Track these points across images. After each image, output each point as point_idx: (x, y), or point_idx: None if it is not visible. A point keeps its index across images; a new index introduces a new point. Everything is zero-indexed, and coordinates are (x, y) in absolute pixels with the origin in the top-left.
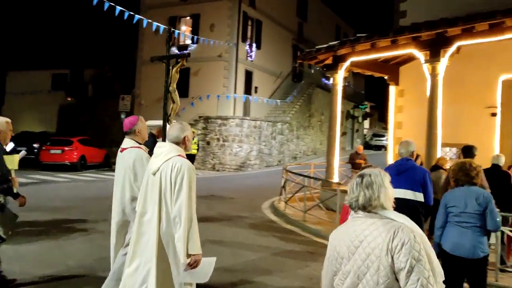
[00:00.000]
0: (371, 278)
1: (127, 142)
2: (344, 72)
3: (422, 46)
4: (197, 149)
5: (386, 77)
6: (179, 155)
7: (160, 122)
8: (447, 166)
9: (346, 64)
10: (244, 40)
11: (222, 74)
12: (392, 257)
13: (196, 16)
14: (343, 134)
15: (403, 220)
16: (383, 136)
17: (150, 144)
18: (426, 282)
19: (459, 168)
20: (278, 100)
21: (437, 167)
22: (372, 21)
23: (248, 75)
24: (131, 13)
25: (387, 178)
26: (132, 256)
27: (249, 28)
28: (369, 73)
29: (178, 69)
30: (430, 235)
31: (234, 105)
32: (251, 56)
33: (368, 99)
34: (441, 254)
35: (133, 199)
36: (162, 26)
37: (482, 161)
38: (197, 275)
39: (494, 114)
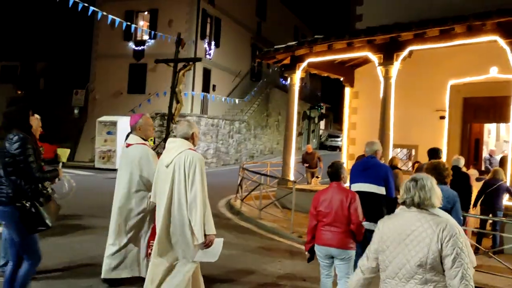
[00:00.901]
0: (419, 259)
1: (132, 138)
2: (301, 72)
3: (377, 50)
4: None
5: (342, 79)
6: (190, 149)
7: (114, 118)
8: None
9: (304, 64)
10: (202, 38)
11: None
12: (442, 245)
13: (154, 11)
14: (300, 134)
15: (448, 216)
16: (338, 137)
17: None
18: (467, 267)
19: (433, 167)
20: (236, 99)
21: (392, 167)
22: (330, 24)
23: (206, 73)
24: (85, 4)
25: (434, 181)
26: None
27: (208, 25)
28: (325, 74)
29: (185, 72)
30: None
31: (191, 103)
32: (209, 54)
33: (324, 100)
34: None
35: (137, 191)
36: (117, 20)
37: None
38: (210, 253)
39: (442, 117)
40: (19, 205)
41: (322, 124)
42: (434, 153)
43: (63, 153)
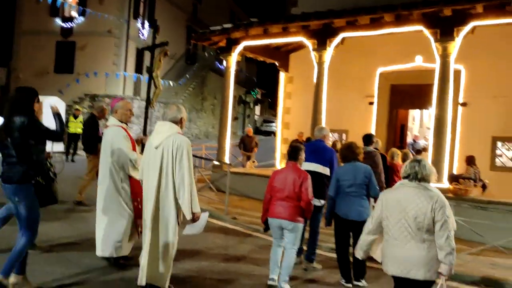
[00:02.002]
0: (417, 223)
1: (110, 120)
2: (237, 55)
3: (311, 35)
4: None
5: (277, 64)
6: (178, 133)
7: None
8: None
9: (240, 47)
10: (136, 17)
11: (111, 51)
12: (434, 213)
13: None
14: (235, 119)
15: (437, 191)
16: (273, 122)
17: (90, 124)
18: (451, 230)
19: (347, 147)
20: (171, 82)
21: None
22: (266, 9)
23: (140, 54)
24: None
25: (429, 162)
26: (145, 218)
27: (142, 4)
28: (261, 58)
29: (161, 58)
30: None
31: (124, 84)
32: (143, 34)
33: (259, 86)
34: (334, 217)
35: (116, 171)
36: None
37: (360, 145)
38: (196, 227)
39: (371, 103)
40: (33, 182)
41: (257, 109)
42: (368, 138)
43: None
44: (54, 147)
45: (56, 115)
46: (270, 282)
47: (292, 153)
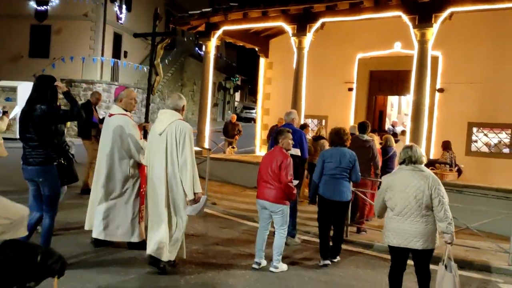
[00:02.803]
0: (417, 201)
1: (114, 108)
2: (216, 40)
3: (291, 20)
4: None
5: (257, 49)
6: (179, 119)
7: (14, 83)
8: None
9: (219, 32)
10: (113, 1)
11: (88, 35)
12: (431, 191)
13: None
14: (215, 105)
15: (429, 171)
16: (253, 109)
17: (85, 110)
18: (446, 204)
19: (335, 133)
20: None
21: (320, 137)
22: None
23: (117, 39)
24: None
25: (419, 147)
26: (154, 199)
27: None
28: (241, 43)
29: (163, 46)
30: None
31: (101, 69)
32: (120, 19)
33: (239, 72)
34: (318, 198)
35: (121, 158)
36: None
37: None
38: (196, 209)
39: (350, 89)
40: (56, 163)
41: (237, 96)
42: (363, 126)
43: None
44: None
45: (65, 94)
46: (254, 266)
47: (277, 138)
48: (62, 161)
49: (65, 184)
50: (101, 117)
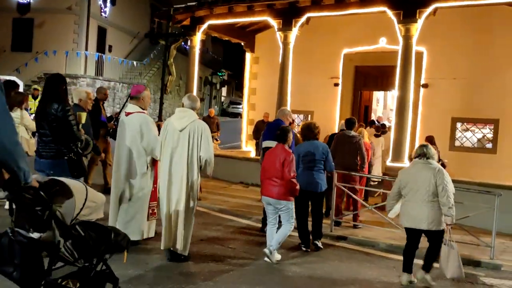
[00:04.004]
0: (425, 188)
1: (131, 107)
2: (201, 34)
3: (276, 14)
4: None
5: (243, 44)
6: (199, 118)
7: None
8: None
9: (204, 26)
10: None
11: (71, 29)
12: (436, 180)
13: None
14: (201, 100)
15: (437, 164)
16: (240, 104)
17: (94, 109)
18: (450, 192)
19: (307, 127)
20: (135, 61)
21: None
22: None
23: (102, 32)
24: None
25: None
26: (168, 187)
27: None
28: (226, 38)
29: (176, 46)
30: None
31: (85, 64)
32: (105, 12)
33: (226, 67)
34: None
35: (139, 156)
36: None
37: (325, 126)
38: None
39: (336, 84)
40: (67, 158)
41: (224, 90)
42: (350, 122)
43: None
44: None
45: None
46: (265, 250)
47: (280, 136)
48: (73, 156)
49: (74, 177)
50: (108, 115)
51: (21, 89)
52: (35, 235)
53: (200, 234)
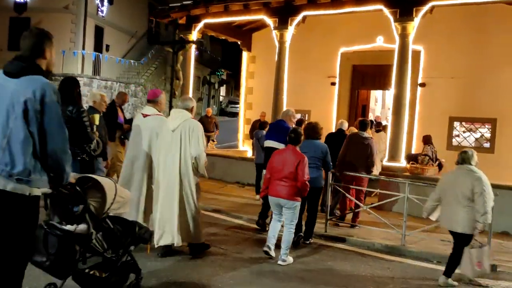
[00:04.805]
0: (462, 194)
1: (149, 109)
2: (197, 33)
3: (272, 13)
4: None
5: (239, 43)
6: (192, 118)
7: None
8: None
9: (200, 25)
10: None
11: (68, 28)
12: (474, 186)
13: None
14: (199, 99)
15: (479, 171)
16: (238, 103)
17: (110, 111)
18: (487, 199)
19: (312, 127)
20: (132, 61)
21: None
22: None
23: (99, 32)
24: None
25: (473, 151)
26: (160, 186)
27: None
28: (223, 37)
29: (183, 53)
30: None
31: (82, 63)
32: (102, 11)
33: (224, 66)
34: None
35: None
36: None
37: (322, 125)
38: None
39: (333, 83)
40: (79, 159)
41: (222, 90)
42: (364, 123)
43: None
44: None
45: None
46: (265, 249)
47: (293, 138)
48: (85, 157)
49: None
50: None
51: None
52: (69, 227)
53: None
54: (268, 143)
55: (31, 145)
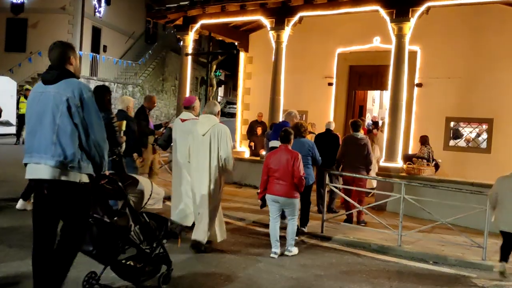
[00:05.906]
0: None
1: (186, 114)
2: (194, 34)
3: (269, 14)
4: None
5: (236, 43)
6: (220, 122)
7: None
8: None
9: (197, 26)
10: None
11: (65, 29)
12: None
13: None
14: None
15: None
16: (236, 104)
17: (141, 118)
18: None
19: (295, 126)
20: (130, 62)
21: (309, 133)
22: None
23: (96, 32)
24: None
25: None
26: (193, 186)
27: None
28: (220, 37)
29: (217, 62)
30: None
31: (79, 64)
32: (99, 12)
33: (223, 67)
34: None
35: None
36: None
37: (319, 126)
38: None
39: (330, 84)
40: (110, 159)
41: (220, 91)
42: (356, 124)
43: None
44: (5, 129)
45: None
46: (272, 255)
47: (284, 137)
48: (115, 158)
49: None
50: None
51: (14, 90)
52: (110, 220)
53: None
54: (273, 143)
55: (77, 137)
